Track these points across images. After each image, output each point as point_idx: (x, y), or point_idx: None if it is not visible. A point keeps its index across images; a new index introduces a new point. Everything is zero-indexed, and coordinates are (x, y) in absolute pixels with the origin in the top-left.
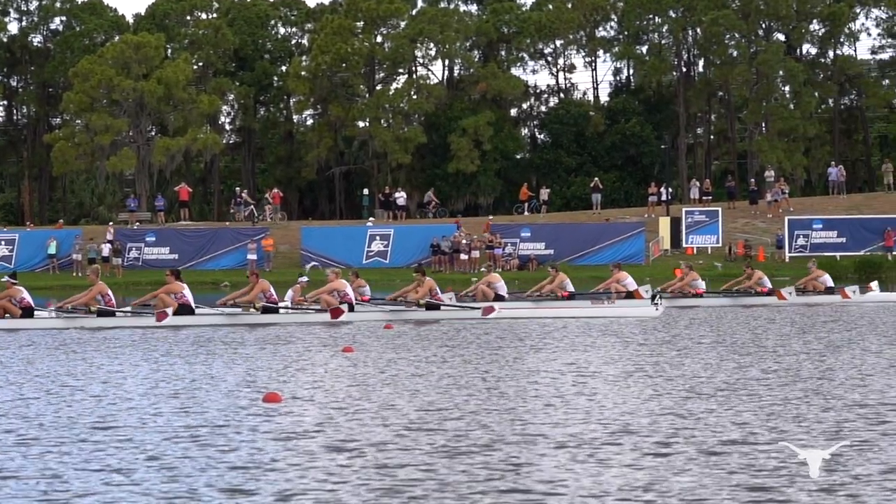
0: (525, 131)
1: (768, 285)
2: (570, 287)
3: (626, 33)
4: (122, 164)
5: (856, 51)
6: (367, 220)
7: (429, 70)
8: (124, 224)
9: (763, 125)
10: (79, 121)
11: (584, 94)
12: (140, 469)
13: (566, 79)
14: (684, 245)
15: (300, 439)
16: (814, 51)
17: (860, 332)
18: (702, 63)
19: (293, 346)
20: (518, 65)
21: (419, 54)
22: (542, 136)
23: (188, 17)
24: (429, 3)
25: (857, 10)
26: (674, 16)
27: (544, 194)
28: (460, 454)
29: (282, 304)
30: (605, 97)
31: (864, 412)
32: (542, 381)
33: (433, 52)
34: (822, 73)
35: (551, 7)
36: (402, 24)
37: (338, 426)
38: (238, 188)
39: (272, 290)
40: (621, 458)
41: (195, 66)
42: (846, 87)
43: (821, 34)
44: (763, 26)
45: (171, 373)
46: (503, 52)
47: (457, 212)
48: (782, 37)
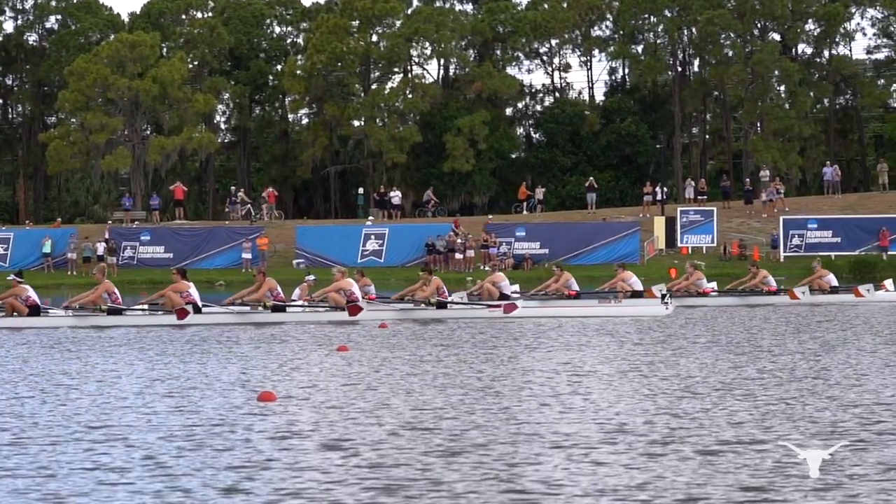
0: (520, 131)
1: (774, 284)
2: (575, 286)
3: (621, 33)
4: (118, 162)
5: (851, 51)
6: (366, 219)
7: (424, 69)
8: (119, 223)
9: (758, 125)
10: (74, 119)
11: (580, 93)
12: (134, 468)
13: (561, 78)
14: (679, 245)
15: (294, 438)
16: (809, 50)
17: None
18: (697, 63)
19: (293, 345)
20: (513, 64)
21: (414, 53)
22: (538, 136)
23: (183, 16)
24: (424, 2)
25: (853, 10)
26: (669, 15)
27: (539, 194)
28: (467, 453)
29: (299, 302)
30: (600, 96)
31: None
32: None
33: (428, 52)
34: (818, 72)
35: (546, 6)
36: (398, 24)
37: (332, 425)
38: (233, 187)
39: (279, 288)
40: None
41: (190, 65)
42: (841, 87)
43: (816, 34)
44: (758, 26)
45: (169, 371)
46: (498, 52)
47: (453, 211)
48: (778, 36)
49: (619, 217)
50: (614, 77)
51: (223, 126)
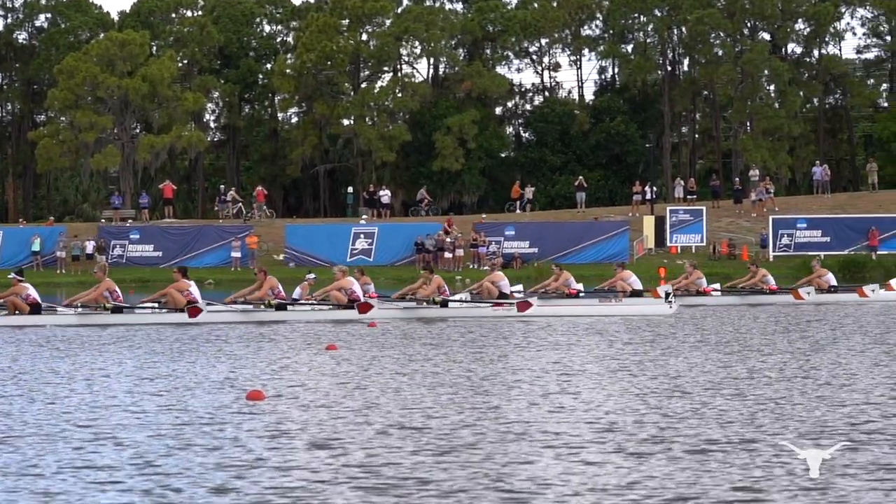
0: (510, 130)
1: (774, 283)
2: (574, 285)
3: (611, 32)
4: (107, 161)
5: (841, 50)
6: (359, 218)
7: (414, 68)
8: (108, 221)
9: (748, 124)
10: (63, 118)
11: (569, 92)
12: (123, 467)
13: (551, 77)
14: (668, 244)
15: (283, 437)
16: (799, 50)
17: None
18: (687, 62)
19: (291, 344)
20: (503, 63)
21: (404, 52)
22: (527, 135)
23: (173, 15)
24: (414, 1)
25: (843, 10)
26: (659, 15)
27: (529, 193)
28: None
29: (307, 300)
30: (590, 96)
31: None
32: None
33: (418, 51)
34: (807, 72)
35: (536, 6)
36: (388, 23)
37: (320, 424)
38: (223, 186)
39: (280, 286)
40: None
41: (180, 64)
42: (831, 87)
43: (806, 33)
44: (748, 25)
45: (161, 370)
46: (488, 51)
47: (442, 210)
48: (767, 36)
49: (608, 216)
50: (604, 76)
51: (212, 125)
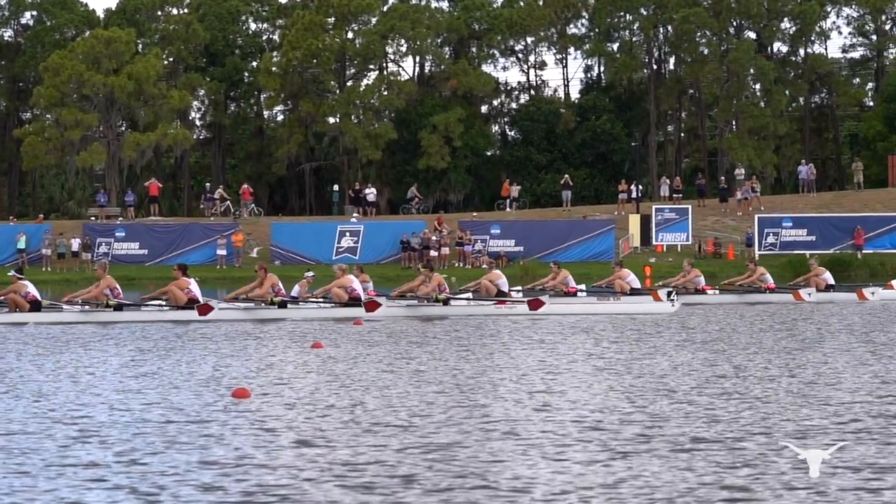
0: (496, 128)
1: (772, 282)
2: (573, 283)
3: (597, 30)
4: (92, 159)
5: (826, 49)
6: (349, 216)
7: (400, 66)
8: (94, 219)
9: (734, 123)
10: (49, 115)
11: (555, 91)
12: (108, 465)
13: (537, 76)
14: (654, 243)
15: (268, 434)
16: (785, 49)
17: None
18: (673, 61)
19: (268, 343)
20: (489, 62)
21: (390, 50)
22: (513, 133)
23: (159, 13)
24: None
25: (828, 9)
26: (645, 13)
27: (514, 191)
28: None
29: (305, 298)
30: (575, 94)
31: None
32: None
33: (404, 49)
34: (793, 71)
35: (522, 4)
36: (374, 21)
37: (306, 421)
38: (208, 184)
39: (280, 284)
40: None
41: (166, 62)
42: (817, 86)
43: (792, 32)
44: (734, 24)
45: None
46: (474, 49)
47: (427, 208)
48: (753, 35)
49: (594, 215)
50: (590, 75)
51: (198, 122)
